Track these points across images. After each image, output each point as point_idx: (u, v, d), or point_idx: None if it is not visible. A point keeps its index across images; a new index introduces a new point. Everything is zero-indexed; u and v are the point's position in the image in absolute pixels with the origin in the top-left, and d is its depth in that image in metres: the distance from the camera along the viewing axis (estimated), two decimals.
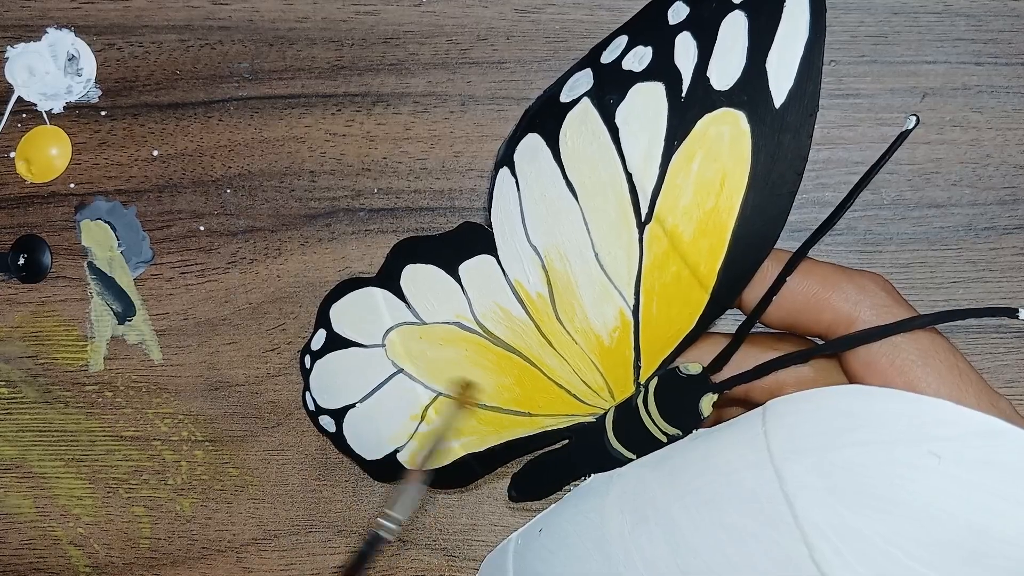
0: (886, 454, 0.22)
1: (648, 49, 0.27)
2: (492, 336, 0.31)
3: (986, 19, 0.35)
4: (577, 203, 0.28)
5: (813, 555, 0.22)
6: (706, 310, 0.27)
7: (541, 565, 0.29)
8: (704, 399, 0.27)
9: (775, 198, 0.26)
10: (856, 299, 0.25)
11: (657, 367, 0.28)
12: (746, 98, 0.26)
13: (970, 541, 0.21)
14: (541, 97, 0.29)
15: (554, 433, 0.31)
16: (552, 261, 0.29)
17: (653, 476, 0.27)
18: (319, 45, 0.36)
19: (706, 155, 0.26)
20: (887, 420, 0.22)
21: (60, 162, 0.36)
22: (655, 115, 0.27)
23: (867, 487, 0.22)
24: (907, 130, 0.25)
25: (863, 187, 0.26)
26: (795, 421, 0.24)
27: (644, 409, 0.28)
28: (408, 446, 0.33)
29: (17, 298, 0.37)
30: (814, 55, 0.25)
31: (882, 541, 0.21)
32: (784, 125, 0.25)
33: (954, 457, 0.21)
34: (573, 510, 0.29)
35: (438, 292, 0.31)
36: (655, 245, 0.27)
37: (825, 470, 0.22)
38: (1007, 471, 0.21)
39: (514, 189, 0.29)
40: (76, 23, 0.36)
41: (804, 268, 0.26)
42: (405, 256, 0.32)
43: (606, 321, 0.29)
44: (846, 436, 0.22)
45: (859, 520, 0.22)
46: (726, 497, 0.24)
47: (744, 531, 0.23)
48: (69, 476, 0.37)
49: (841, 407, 0.23)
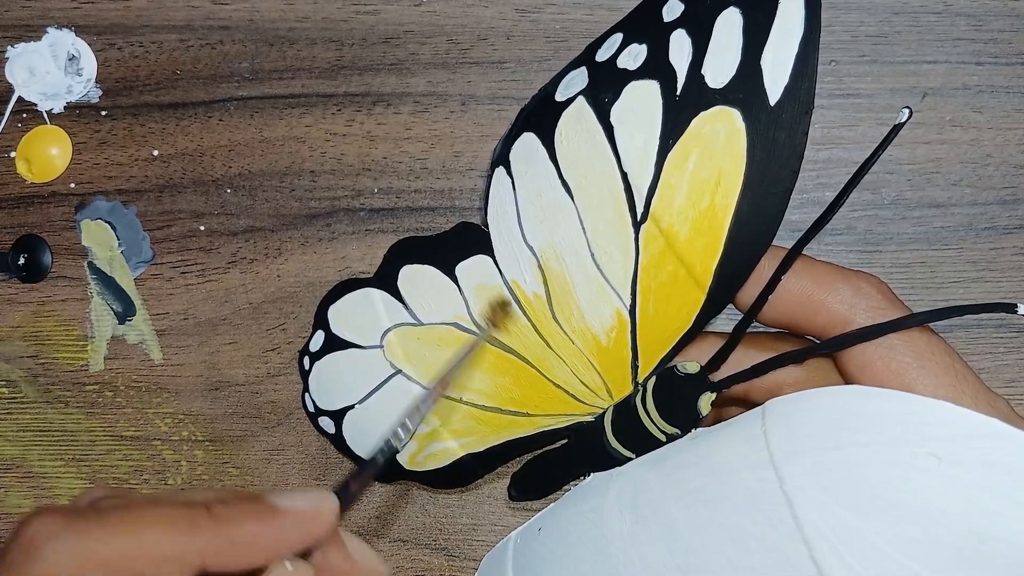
0: (886, 455, 0.22)
1: (643, 47, 0.27)
2: (490, 337, 0.31)
3: (986, 19, 0.35)
4: (573, 202, 0.28)
5: (812, 555, 0.22)
6: (703, 309, 0.27)
7: (540, 564, 0.29)
8: (702, 398, 0.27)
9: (771, 196, 0.26)
10: (851, 301, 0.25)
11: (655, 366, 0.28)
12: (741, 96, 0.25)
13: (969, 542, 0.21)
14: (536, 96, 0.29)
15: (553, 433, 0.31)
16: (548, 261, 0.29)
17: (652, 475, 0.27)
18: (319, 45, 0.36)
19: (701, 153, 0.26)
20: (887, 421, 0.22)
21: (60, 162, 0.36)
22: (650, 113, 0.27)
23: (867, 488, 0.22)
24: (900, 123, 0.25)
25: (857, 182, 0.26)
26: (794, 421, 0.24)
27: (643, 408, 0.28)
28: (407, 447, 0.33)
29: (17, 298, 0.37)
30: (809, 52, 0.25)
31: (881, 541, 0.21)
32: (779, 123, 0.25)
33: (954, 458, 0.21)
34: (572, 509, 0.29)
35: (435, 293, 0.31)
36: (651, 244, 0.27)
37: (825, 471, 0.22)
38: (1007, 472, 0.21)
39: (510, 189, 0.29)
40: (76, 23, 0.36)
41: (800, 268, 0.26)
42: (402, 257, 0.31)
43: (603, 321, 0.28)
44: (846, 436, 0.22)
45: (858, 520, 0.22)
46: (725, 497, 0.24)
47: (743, 531, 0.23)
48: (69, 476, 0.37)
49: (840, 407, 0.23)
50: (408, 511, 0.36)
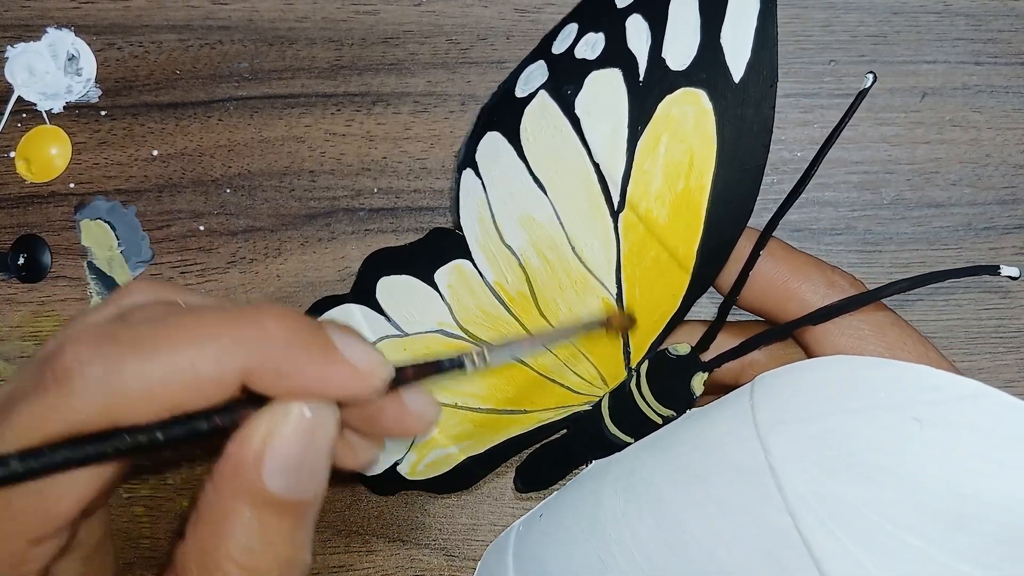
0: (869, 421, 0.22)
1: (600, 35, 0.27)
2: (477, 340, 0.30)
3: (986, 19, 0.35)
4: (547, 198, 0.28)
5: (798, 525, 0.22)
6: (688, 290, 0.27)
7: (538, 546, 0.29)
8: (695, 378, 0.27)
9: (745, 172, 0.26)
10: (824, 292, 0.26)
11: (646, 351, 0.28)
12: (704, 76, 0.26)
13: (953, 504, 0.21)
14: (496, 93, 0.29)
15: (552, 426, 0.31)
16: (529, 259, 0.29)
17: (647, 455, 0.27)
18: (319, 45, 0.36)
19: (671, 137, 0.26)
20: (871, 387, 0.22)
21: (60, 162, 0.36)
22: (615, 102, 0.27)
23: (850, 455, 0.22)
24: (865, 88, 0.25)
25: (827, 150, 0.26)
26: (781, 393, 0.24)
27: (638, 393, 0.28)
28: (407, 458, 0.32)
29: (17, 298, 0.37)
30: (767, 25, 0.25)
31: (865, 508, 0.21)
32: (746, 99, 0.25)
33: (938, 421, 0.21)
34: (572, 494, 0.30)
35: (417, 302, 0.31)
36: (631, 232, 0.27)
37: (808, 439, 0.22)
38: (989, 433, 0.20)
39: (481, 190, 0.29)
40: (76, 23, 0.36)
41: (780, 256, 0.26)
42: (377, 269, 0.31)
43: (590, 312, 0.28)
44: (829, 405, 0.23)
45: (843, 488, 0.22)
46: (713, 471, 0.24)
47: (731, 503, 0.23)
48: None
49: (825, 378, 0.23)
50: (408, 511, 0.36)
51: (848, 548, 0.21)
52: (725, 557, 0.23)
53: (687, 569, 0.24)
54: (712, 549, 0.24)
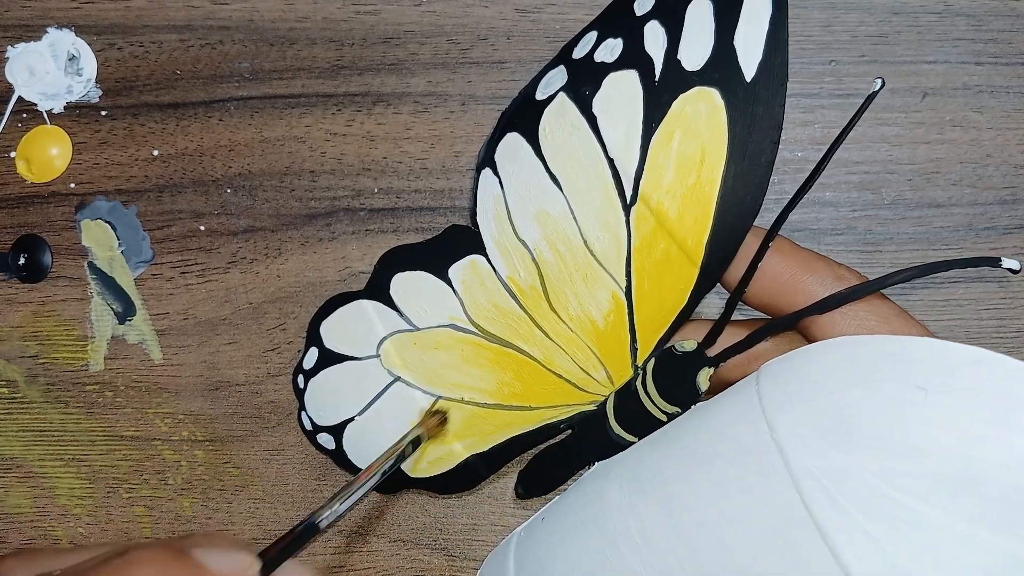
0: (873, 392, 0.22)
1: (618, 40, 0.28)
2: (488, 334, 0.31)
3: (986, 19, 0.35)
4: (562, 193, 0.29)
5: (803, 499, 0.22)
6: (697, 284, 0.28)
7: (541, 550, 0.29)
8: (701, 373, 0.27)
9: (754, 167, 0.27)
10: (832, 285, 0.26)
11: (653, 348, 0.29)
12: (718, 75, 0.27)
13: (962, 470, 0.20)
14: (516, 99, 0.30)
15: (556, 425, 0.31)
16: (542, 253, 0.29)
17: (651, 447, 0.28)
18: (319, 45, 0.36)
19: (684, 133, 0.27)
20: (874, 362, 0.22)
21: (60, 162, 0.36)
22: (631, 101, 0.27)
23: (855, 426, 0.22)
24: (874, 92, 0.26)
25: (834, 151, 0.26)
26: (787, 375, 0.24)
27: (643, 391, 0.29)
28: (412, 454, 0.33)
29: (17, 298, 0.37)
30: (779, 28, 0.26)
31: (871, 477, 0.21)
32: (757, 97, 0.26)
33: (942, 387, 0.21)
34: (575, 494, 0.30)
35: (430, 297, 0.31)
36: (642, 225, 0.28)
37: (814, 415, 0.23)
38: (994, 397, 0.20)
39: (498, 188, 0.30)
40: (76, 23, 0.36)
41: (787, 251, 0.27)
42: (394, 266, 0.32)
43: (600, 305, 0.29)
44: (835, 381, 0.23)
45: (848, 460, 0.22)
46: (719, 453, 0.24)
47: (738, 484, 0.24)
48: (69, 476, 0.37)
49: (830, 357, 0.23)
50: (408, 511, 0.36)
51: (856, 520, 0.21)
52: (733, 540, 0.23)
53: (695, 556, 0.24)
54: (720, 533, 0.24)
